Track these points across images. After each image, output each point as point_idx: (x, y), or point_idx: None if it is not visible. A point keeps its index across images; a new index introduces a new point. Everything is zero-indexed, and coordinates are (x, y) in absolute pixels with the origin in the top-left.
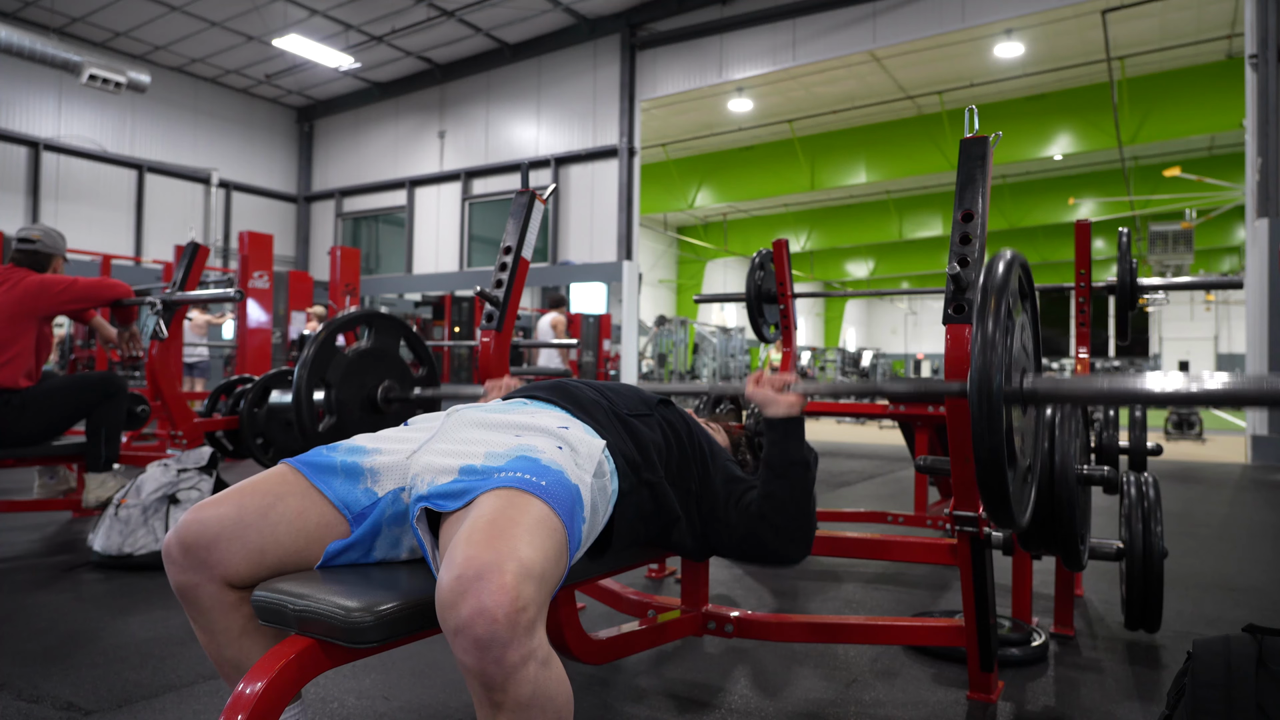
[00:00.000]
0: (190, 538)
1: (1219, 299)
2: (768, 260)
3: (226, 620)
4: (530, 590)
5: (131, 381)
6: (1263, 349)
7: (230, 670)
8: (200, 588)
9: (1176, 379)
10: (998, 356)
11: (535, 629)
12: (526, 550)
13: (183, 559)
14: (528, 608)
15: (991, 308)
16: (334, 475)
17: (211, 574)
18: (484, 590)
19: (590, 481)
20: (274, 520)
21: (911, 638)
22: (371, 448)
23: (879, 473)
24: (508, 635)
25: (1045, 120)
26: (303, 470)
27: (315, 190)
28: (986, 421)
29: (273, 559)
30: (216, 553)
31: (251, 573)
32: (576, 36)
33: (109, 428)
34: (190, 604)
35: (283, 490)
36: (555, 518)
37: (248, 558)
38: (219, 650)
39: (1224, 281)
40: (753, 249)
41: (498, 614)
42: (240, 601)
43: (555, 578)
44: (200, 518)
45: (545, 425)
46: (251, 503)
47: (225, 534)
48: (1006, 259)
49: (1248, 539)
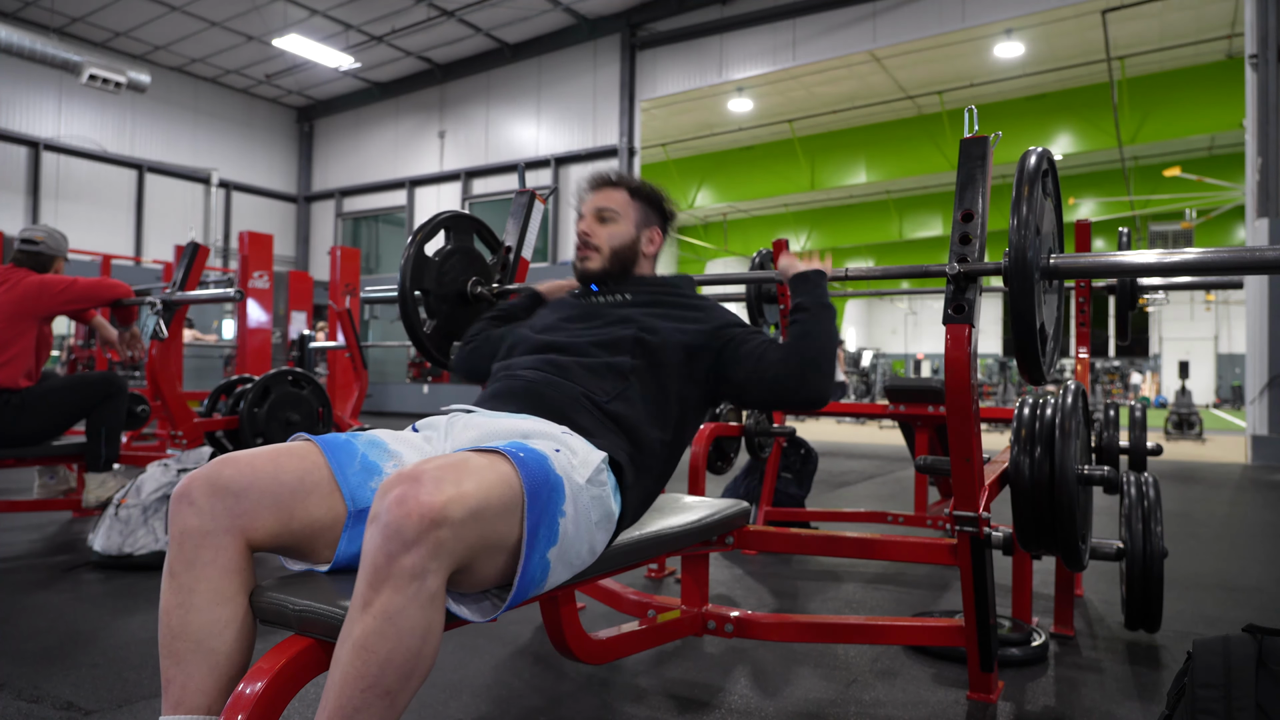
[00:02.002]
0: (222, 480)
1: (1219, 299)
2: (767, 260)
3: (220, 581)
4: (456, 514)
5: (131, 381)
6: (1263, 349)
7: (186, 645)
8: (211, 537)
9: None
10: (1031, 236)
11: (440, 554)
12: (470, 483)
13: (206, 500)
14: (444, 526)
15: (1025, 194)
16: (351, 465)
17: (234, 523)
18: (414, 489)
19: (583, 485)
20: (309, 487)
21: (911, 638)
22: (393, 449)
23: (879, 473)
24: (413, 534)
25: (1045, 120)
26: (326, 454)
27: (315, 190)
28: (1023, 290)
29: (298, 528)
30: (246, 501)
31: (274, 534)
32: (576, 36)
33: (109, 428)
34: (186, 554)
35: (319, 462)
36: (516, 479)
37: (277, 516)
38: (186, 617)
39: (1224, 282)
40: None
41: (413, 510)
42: (243, 566)
43: (493, 531)
44: (234, 462)
45: (548, 431)
46: (290, 464)
47: (259, 485)
48: (1038, 153)
49: (1248, 539)
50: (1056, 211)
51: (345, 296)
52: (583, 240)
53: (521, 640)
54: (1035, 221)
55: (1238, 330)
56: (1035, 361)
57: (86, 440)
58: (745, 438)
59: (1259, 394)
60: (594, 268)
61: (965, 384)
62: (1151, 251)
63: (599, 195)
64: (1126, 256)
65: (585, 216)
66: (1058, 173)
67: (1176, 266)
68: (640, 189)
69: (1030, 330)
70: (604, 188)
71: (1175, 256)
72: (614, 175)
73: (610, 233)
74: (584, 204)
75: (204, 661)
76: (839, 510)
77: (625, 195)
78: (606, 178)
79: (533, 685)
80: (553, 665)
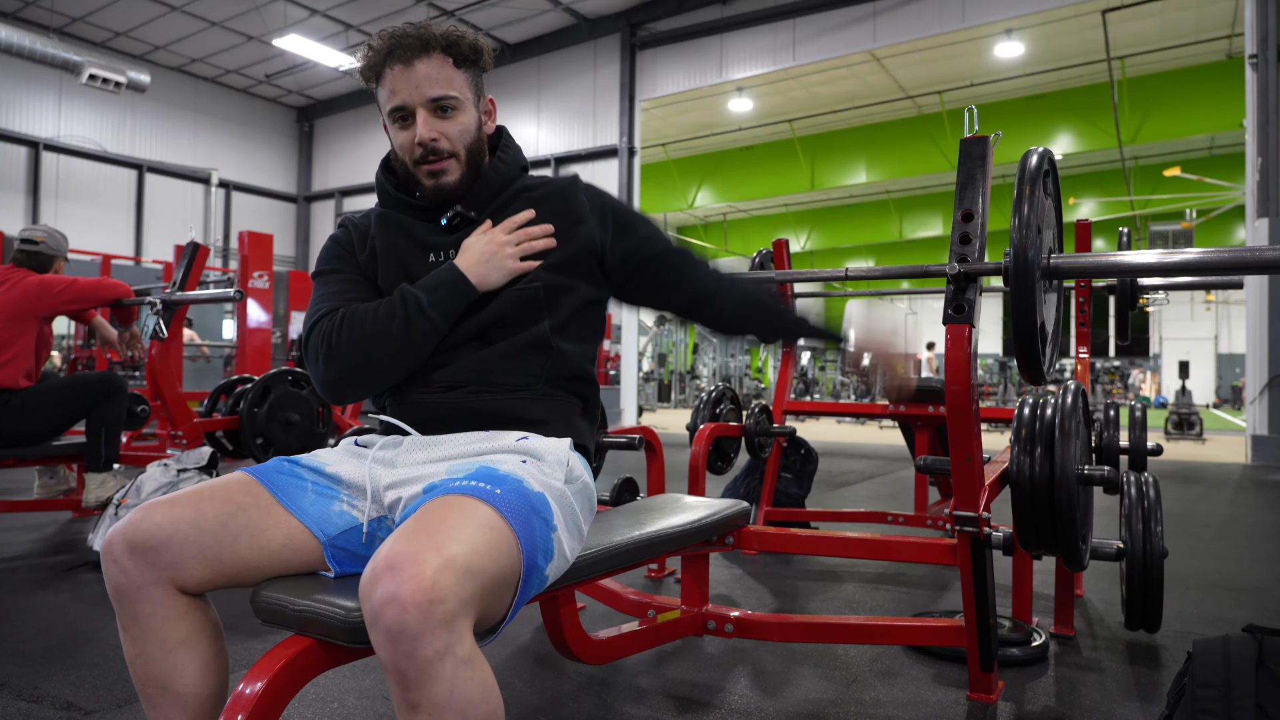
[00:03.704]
0: (139, 537)
1: (1219, 299)
2: (768, 260)
3: (165, 630)
4: (450, 582)
5: (131, 381)
6: (1263, 349)
7: (154, 690)
8: (143, 591)
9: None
10: (1032, 236)
11: (455, 624)
12: (454, 545)
13: (128, 559)
14: (445, 600)
15: (1026, 194)
16: (303, 494)
17: (159, 576)
18: (397, 578)
19: (563, 488)
20: (234, 531)
21: (911, 638)
22: (332, 472)
23: (879, 473)
24: (419, 626)
25: (1045, 120)
26: (267, 486)
27: (315, 190)
28: (1023, 290)
29: (231, 569)
30: (167, 554)
31: (206, 580)
32: (576, 36)
33: (109, 428)
34: (126, 609)
35: (246, 501)
36: (500, 520)
37: (205, 564)
38: (146, 666)
39: (1224, 282)
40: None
41: (408, 602)
42: (187, 610)
43: (493, 576)
44: (152, 517)
45: (504, 443)
46: (211, 509)
47: (179, 537)
48: (1039, 153)
49: (1248, 539)
50: (1057, 211)
51: None
52: (429, 150)
53: (521, 640)
54: (1036, 221)
55: (1238, 330)
56: (1035, 361)
57: (86, 440)
58: (745, 438)
59: (1259, 394)
60: (452, 181)
61: (965, 384)
62: (1151, 251)
63: (420, 73)
64: (1126, 256)
65: (415, 111)
66: (1058, 172)
67: (1176, 266)
68: (462, 46)
69: (1030, 330)
70: (420, 57)
71: (1175, 256)
72: (421, 33)
73: (460, 129)
74: (398, 84)
75: (174, 703)
76: (839, 510)
77: (450, 66)
78: (419, 38)
79: (533, 685)
80: (553, 665)
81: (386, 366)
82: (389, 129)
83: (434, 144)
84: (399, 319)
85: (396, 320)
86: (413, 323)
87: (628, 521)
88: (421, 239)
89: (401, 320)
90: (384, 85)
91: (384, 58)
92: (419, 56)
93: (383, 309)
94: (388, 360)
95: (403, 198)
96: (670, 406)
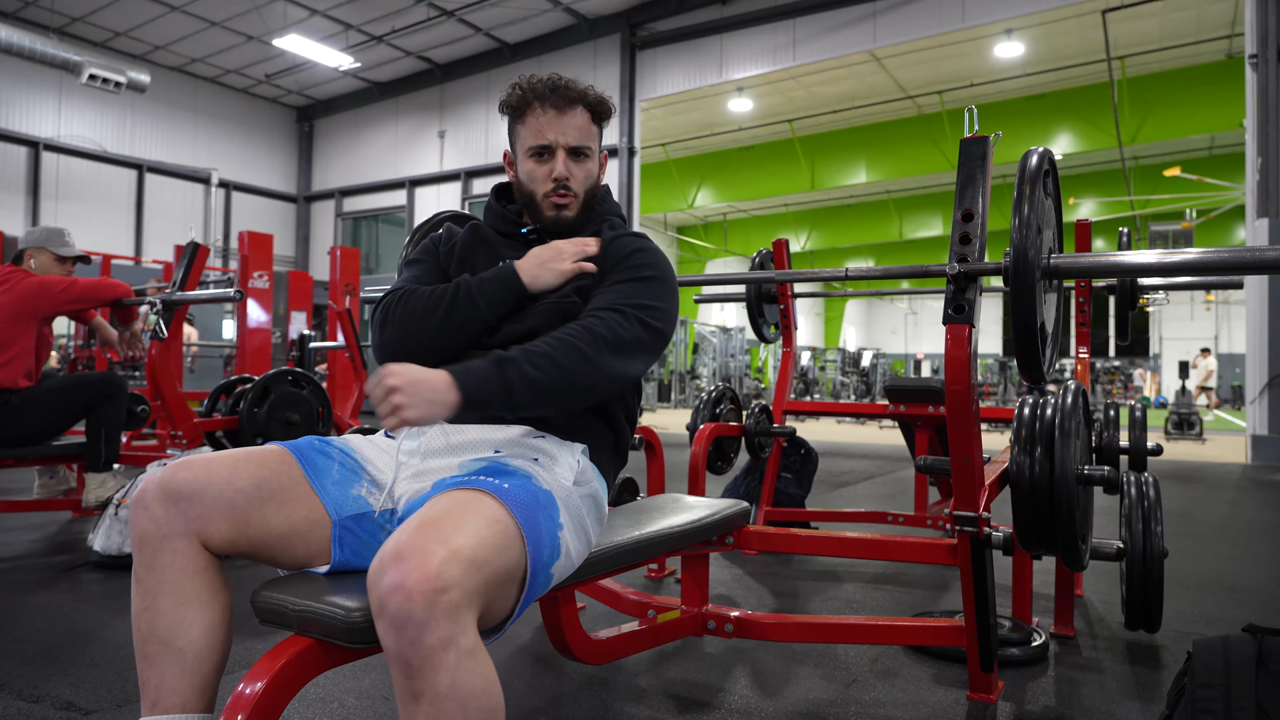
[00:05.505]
0: (174, 485)
1: (1219, 299)
2: (768, 260)
3: (181, 582)
4: (455, 572)
5: (131, 381)
6: (1263, 349)
7: (156, 647)
8: (168, 540)
9: (1177, 255)
10: (1032, 236)
11: (459, 614)
12: (460, 538)
13: (159, 506)
14: (449, 589)
15: (1026, 194)
16: (328, 475)
17: (187, 527)
18: (403, 568)
19: (571, 488)
20: (265, 495)
21: (911, 638)
22: (359, 457)
23: (879, 473)
24: (424, 614)
25: (1045, 120)
26: (300, 461)
27: (315, 190)
28: (1023, 290)
29: (255, 533)
30: (199, 505)
31: (230, 539)
32: (576, 36)
33: (109, 428)
34: (146, 558)
35: (280, 470)
36: (506, 514)
37: (232, 522)
38: (154, 619)
39: (1224, 282)
40: (753, 249)
41: (413, 591)
42: (206, 566)
43: (498, 569)
44: (190, 466)
45: (517, 438)
46: (246, 470)
47: (213, 490)
48: (1039, 153)
49: (1248, 539)
50: (1057, 211)
51: (345, 296)
52: (561, 185)
53: (521, 640)
54: (1036, 221)
55: (1238, 330)
56: (1035, 361)
57: (86, 440)
58: (745, 438)
59: (1259, 394)
60: (571, 215)
61: (965, 384)
62: (1151, 251)
63: (569, 122)
64: (1126, 256)
65: (557, 152)
66: (1058, 172)
67: (1176, 266)
68: (603, 109)
69: (1030, 330)
70: (570, 108)
71: (1175, 256)
72: (575, 89)
73: (586, 173)
74: (546, 126)
75: (174, 661)
76: (839, 510)
77: (589, 121)
78: (575, 93)
79: (533, 685)
80: (553, 665)
81: (429, 340)
82: (519, 159)
83: (567, 181)
84: (447, 300)
85: (445, 301)
86: (459, 305)
87: (628, 521)
88: (496, 248)
89: (449, 302)
90: (527, 122)
91: (535, 100)
92: (570, 107)
93: (437, 291)
94: (429, 335)
95: (504, 214)
96: (670, 406)
